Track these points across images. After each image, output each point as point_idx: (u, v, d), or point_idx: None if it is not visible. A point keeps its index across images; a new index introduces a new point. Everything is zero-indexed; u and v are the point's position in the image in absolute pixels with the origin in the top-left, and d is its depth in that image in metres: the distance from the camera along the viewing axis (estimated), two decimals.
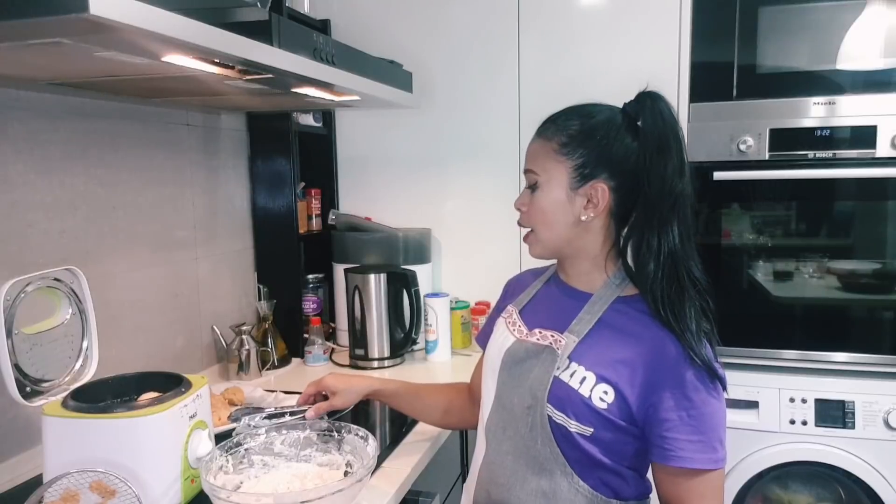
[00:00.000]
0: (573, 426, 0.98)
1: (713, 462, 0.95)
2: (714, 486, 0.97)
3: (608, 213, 1.04)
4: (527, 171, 1.08)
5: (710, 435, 0.95)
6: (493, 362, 1.10)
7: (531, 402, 1.01)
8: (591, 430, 0.97)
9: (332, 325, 2.16)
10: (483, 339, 1.23)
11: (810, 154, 1.76)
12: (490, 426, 1.08)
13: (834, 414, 1.75)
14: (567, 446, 0.99)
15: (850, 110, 1.72)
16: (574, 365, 1.00)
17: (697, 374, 0.95)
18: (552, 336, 1.04)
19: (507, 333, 1.11)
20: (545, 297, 1.15)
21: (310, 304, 2.12)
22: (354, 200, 2.21)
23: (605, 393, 0.97)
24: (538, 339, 1.05)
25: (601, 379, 0.97)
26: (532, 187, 1.07)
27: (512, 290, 1.23)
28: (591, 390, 0.97)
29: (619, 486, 1.02)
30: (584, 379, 0.98)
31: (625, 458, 1.01)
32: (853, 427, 1.74)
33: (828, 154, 1.75)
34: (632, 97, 1.10)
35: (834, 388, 1.77)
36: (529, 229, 1.09)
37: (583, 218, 1.03)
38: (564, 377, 0.99)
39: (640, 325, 1.00)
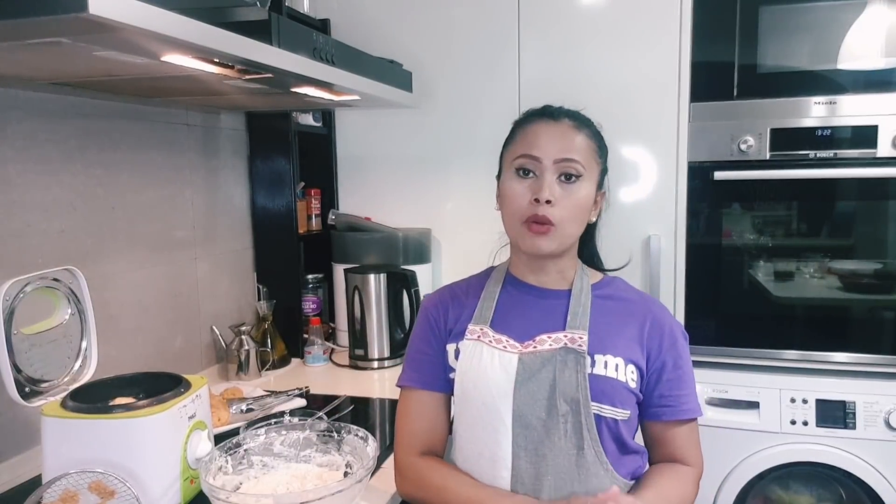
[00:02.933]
0: (619, 414, 1.02)
1: (700, 409, 1.08)
2: (699, 433, 1.10)
3: None
4: (565, 161, 1.02)
5: (693, 387, 1.07)
6: (499, 386, 1.01)
7: (567, 409, 0.99)
8: (629, 412, 1.03)
9: (332, 325, 2.16)
10: (429, 378, 1.10)
11: (811, 154, 1.76)
12: (517, 452, 1.01)
13: (835, 414, 1.75)
14: (608, 440, 1.02)
15: (851, 110, 1.72)
16: (599, 356, 1.03)
17: (682, 333, 1.08)
18: (565, 336, 1.03)
19: (497, 353, 1.04)
20: (513, 304, 1.10)
21: (309, 304, 2.11)
22: (354, 200, 2.20)
23: (633, 372, 1.04)
24: (550, 345, 1.02)
25: (629, 361, 1.04)
26: (569, 177, 1.03)
27: (443, 314, 1.13)
28: (626, 374, 1.03)
29: (638, 467, 1.08)
30: (617, 366, 1.03)
31: (636, 433, 1.09)
32: (854, 427, 1.74)
33: (829, 154, 1.75)
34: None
35: (835, 389, 1.76)
36: (548, 224, 1.01)
37: (593, 219, 1.11)
38: (599, 371, 1.02)
39: (625, 303, 1.10)
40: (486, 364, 1.04)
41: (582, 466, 0.99)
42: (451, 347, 1.10)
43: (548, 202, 1.01)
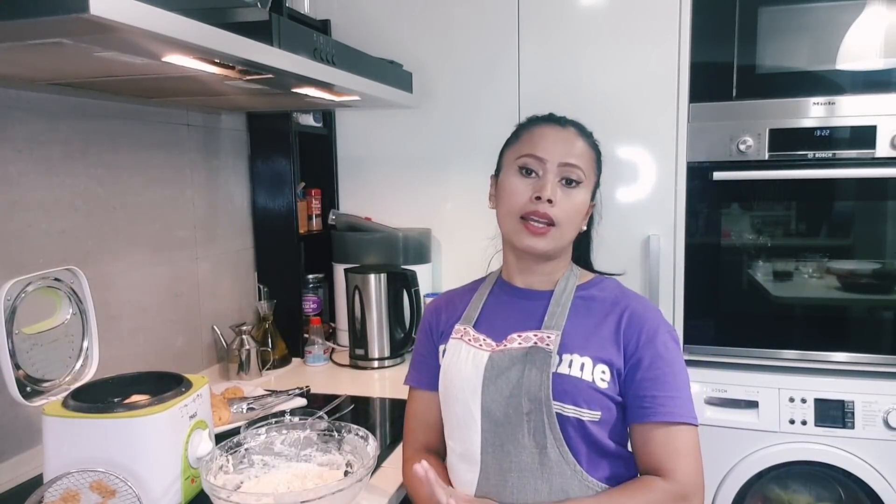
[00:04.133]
0: (586, 415, 0.99)
1: (691, 416, 1.00)
2: (694, 444, 1.01)
3: None
4: (569, 165, 1.05)
5: (683, 392, 1.02)
6: (470, 383, 1.04)
7: (530, 407, 1.00)
8: (599, 413, 1.00)
9: (332, 325, 2.16)
10: (426, 378, 1.16)
11: (810, 154, 1.76)
12: (486, 448, 1.03)
13: (834, 414, 1.75)
14: (578, 440, 1.00)
15: (850, 110, 1.72)
16: (567, 355, 1.02)
17: (668, 332, 1.04)
18: (535, 335, 1.04)
19: (473, 351, 1.07)
20: (497, 305, 1.13)
21: (310, 304, 2.12)
22: (354, 200, 2.21)
23: (604, 372, 1.01)
24: (520, 343, 1.04)
25: (598, 360, 1.01)
26: (569, 182, 1.06)
27: (437, 318, 1.19)
28: (593, 373, 1.00)
29: (622, 474, 1.04)
30: (583, 365, 1.01)
31: (623, 437, 1.05)
32: (853, 427, 1.74)
33: (827, 154, 1.75)
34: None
35: (834, 388, 1.77)
36: (547, 224, 1.04)
37: (584, 227, 1.12)
38: (563, 370, 1.01)
39: (607, 303, 1.08)
40: (461, 361, 1.07)
41: (545, 465, 0.99)
42: (441, 348, 1.15)
43: (549, 201, 1.03)
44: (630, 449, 1.06)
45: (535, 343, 1.03)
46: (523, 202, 1.05)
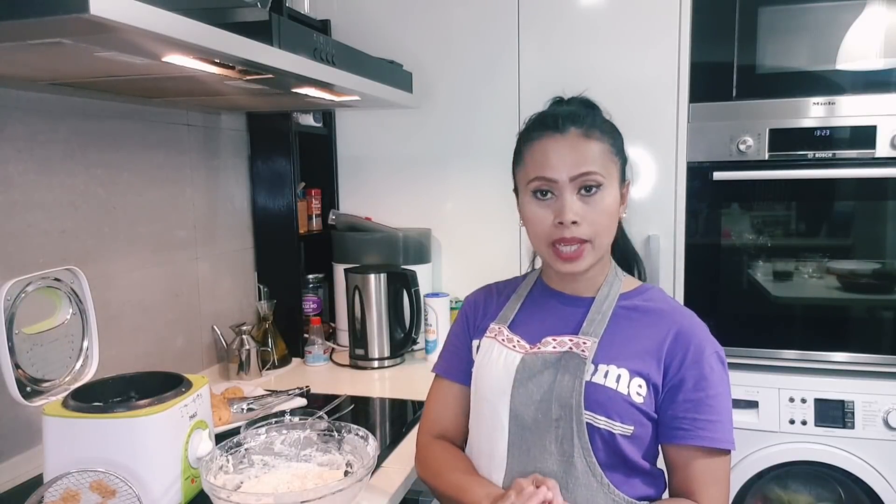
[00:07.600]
0: (617, 428, 0.96)
1: (730, 443, 0.98)
2: (727, 470, 1.00)
3: None
4: (582, 176, 0.97)
5: (725, 416, 0.98)
6: (500, 384, 1.02)
7: (560, 414, 0.97)
8: (632, 428, 0.97)
9: (332, 325, 2.16)
10: (454, 369, 1.14)
11: (810, 154, 1.76)
12: (511, 451, 1.01)
13: (834, 414, 1.76)
14: (607, 453, 0.97)
15: (850, 110, 1.73)
16: (603, 366, 0.98)
17: (715, 353, 1.00)
18: (570, 340, 1.00)
19: (506, 351, 1.05)
20: (536, 308, 1.10)
21: (310, 304, 2.12)
22: (354, 200, 2.21)
23: (640, 387, 0.98)
24: (555, 347, 1.01)
25: (635, 373, 0.98)
26: (589, 189, 0.98)
27: (474, 311, 1.17)
28: (629, 387, 0.97)
29: (652, 494, 1.01)
30: (619, 377, 0.97)
31: (655, 455, 1.02)
32: (853, 427, 1.74)
33: (827, 154, 1.75)
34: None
35: (834, 388, 1.77)
36: (580, 244, 0.98)
37: (624, 215, 1.06)
38: (598, 380, 0.97)
39: (651, 314, 1.03)
40: (493, 361, 1.05)
41: (571, 475, 0.96)
42: (475, 343, 1.13)
43: (574, 223, 0.97)
44: (659, 466, 1.04)
45: (570, 348, 0.99)
46: (547, 229, 0.99)
